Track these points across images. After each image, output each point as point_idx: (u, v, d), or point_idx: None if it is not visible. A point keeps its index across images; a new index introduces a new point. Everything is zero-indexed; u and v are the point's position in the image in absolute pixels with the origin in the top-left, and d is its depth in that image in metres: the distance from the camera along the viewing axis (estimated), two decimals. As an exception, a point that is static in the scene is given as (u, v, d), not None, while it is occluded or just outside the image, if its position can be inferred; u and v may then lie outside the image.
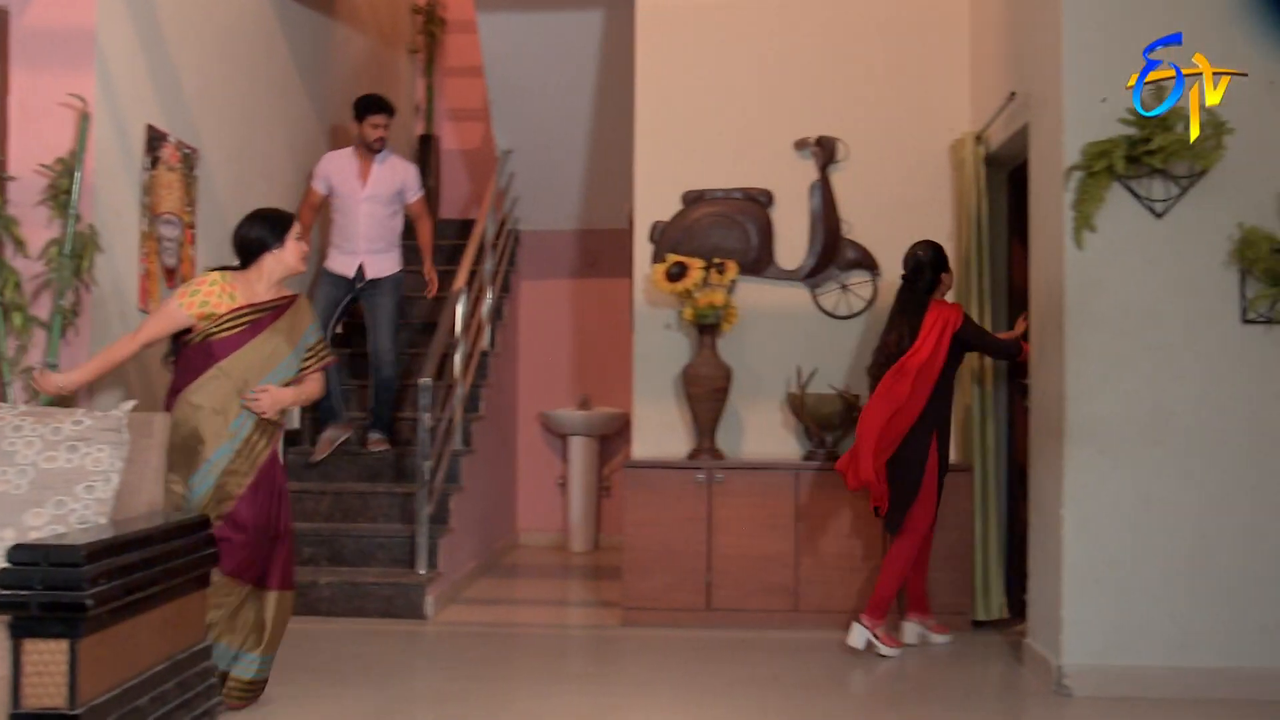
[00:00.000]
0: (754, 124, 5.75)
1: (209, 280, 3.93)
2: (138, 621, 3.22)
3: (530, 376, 8.08)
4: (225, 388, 3.84)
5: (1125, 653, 4.18)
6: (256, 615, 3.95)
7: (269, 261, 4.03)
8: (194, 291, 3.88)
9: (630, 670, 4.60)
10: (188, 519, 3.58)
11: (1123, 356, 4.21)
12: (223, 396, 3.83)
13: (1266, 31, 4.21)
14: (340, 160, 6.26)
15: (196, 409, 3.83)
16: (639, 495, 5.36)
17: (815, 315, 5.70)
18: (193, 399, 3.84)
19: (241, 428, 3.86)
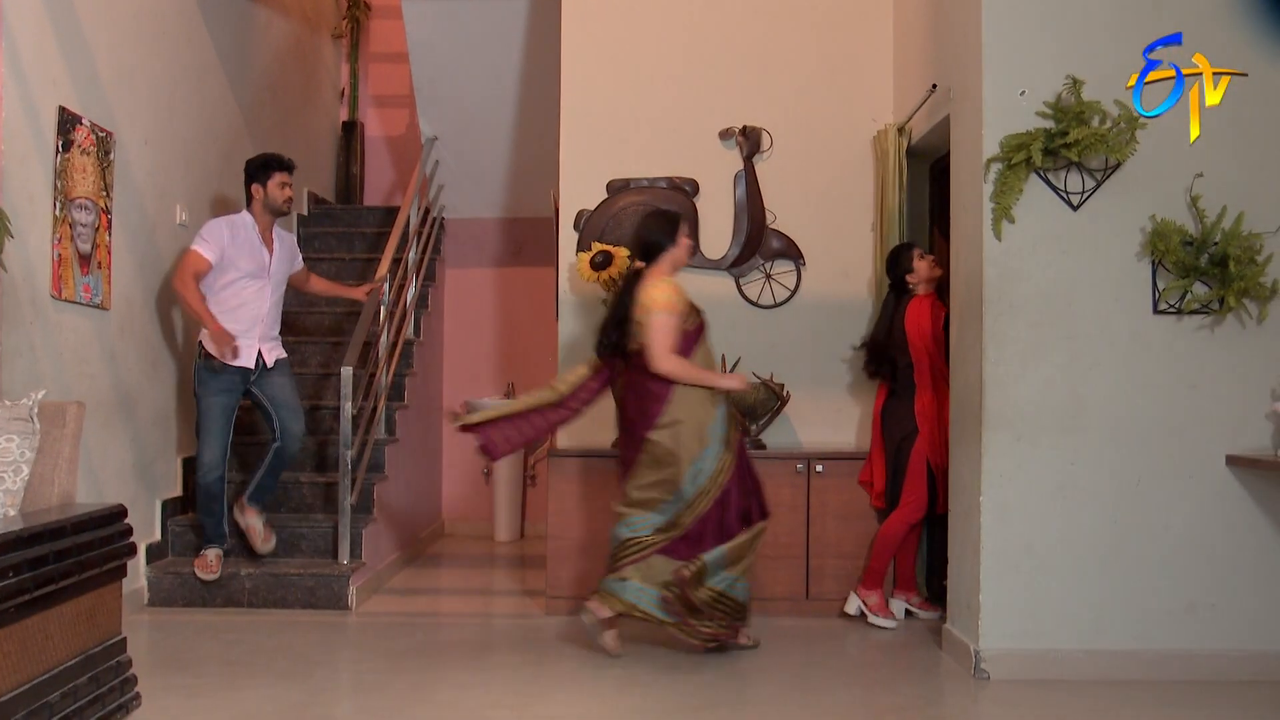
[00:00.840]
0: (679, 113, 5.74)
1: (668, 282, 4.48)
2: (48, 615, 3.13)
3: (455, 365, 8.01)
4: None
5: (1042, 637, 4.25)
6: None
7: (666, 261, 4.57)
8: (670, 296, 4.43)
9: (553, 659, 4.58)
10: (101, 510, 3.48)
11: (1040, 345, 4.27)
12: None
13: (1184, 24, 4.29)
14: (240, 229, 5.30)
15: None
16: (563, 484, 5.33)
17: (740, 304, 5.71)
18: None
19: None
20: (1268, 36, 4.27)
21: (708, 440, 4.41)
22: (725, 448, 4.46)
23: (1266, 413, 4.25)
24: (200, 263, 5.19)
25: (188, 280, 5.16)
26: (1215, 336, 4.27)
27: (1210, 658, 4.23)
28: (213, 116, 6.33)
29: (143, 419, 5.43)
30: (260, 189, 5.36)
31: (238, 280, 5.27)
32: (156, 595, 5.36)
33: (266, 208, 5.37)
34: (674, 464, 4.39)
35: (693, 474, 4.39)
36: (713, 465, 4.41)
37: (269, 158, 5.45)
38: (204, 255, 5.18)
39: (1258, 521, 4.26)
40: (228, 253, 5.23)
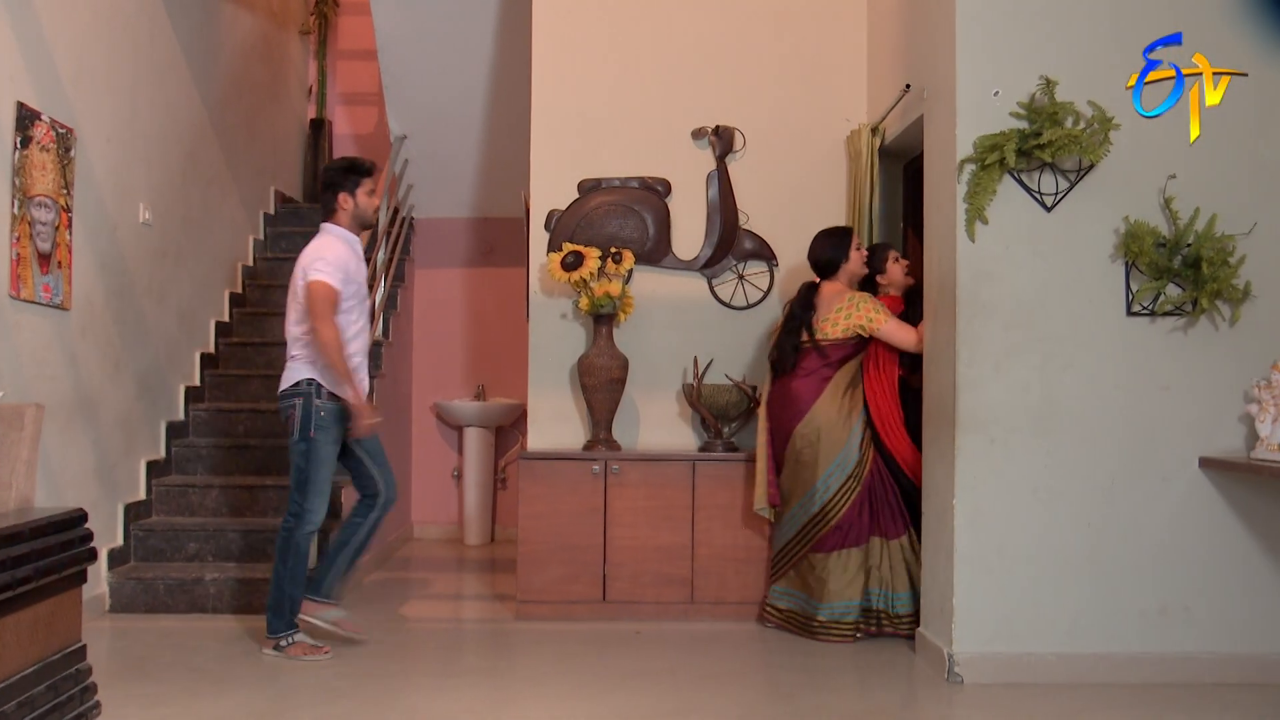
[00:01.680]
0: (652, 112, 5.73)
1: (861, 297, 4.94)
2: (4, 623, 3.08)
3: (424, 367, 7.97)
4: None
5: (1015, 640, 4.26)
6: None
7: (844, 275, 5.03)
8: (876, 306, 4.91)
9: (524, 664, 4.55)
10: (60, 514, 3.43)
11: (1013, 347, 4.28)
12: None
13: (1166, 23, 4.31)
14: (352, 245, 4.69)
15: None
16: (534, 487, 5.30)
17: (712, 306, 5.70)
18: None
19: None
20: (1260, 36, 4.29)
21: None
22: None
23: (1240, 415, 4.27)
24: (334, 295, 4.47)
25: (334, 325, 4.46)
26: (1188, 338, 4.29)
27: (1184, 660, 4.25)
28: (177, 114, 6.27)
29: (105, 422, 5.37)
30: (349, 199, 4.64)
31: (352, 306, 4.61)
32: (118, 601, 5.29)
33: (355, 219, 4.69)
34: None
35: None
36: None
37: (353, 163, 4.73)
38: (334, 285, 4.47)
39: (1231, 524, 4.28)
40: (350, 272, 4.58)
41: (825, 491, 4.87)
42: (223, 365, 6.82)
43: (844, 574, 4.87)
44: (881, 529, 4.91)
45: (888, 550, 4.91)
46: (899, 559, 4.89)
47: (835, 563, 4.89)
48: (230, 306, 7.09)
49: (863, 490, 4.89)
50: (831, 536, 4.88)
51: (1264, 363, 4.24)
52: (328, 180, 4.70)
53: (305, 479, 4.55)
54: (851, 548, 4.88)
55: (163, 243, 6.06)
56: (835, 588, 4.88)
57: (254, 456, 6.18)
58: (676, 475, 5.28)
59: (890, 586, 4.89)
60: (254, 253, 7.55)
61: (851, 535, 4.88)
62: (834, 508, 4.87)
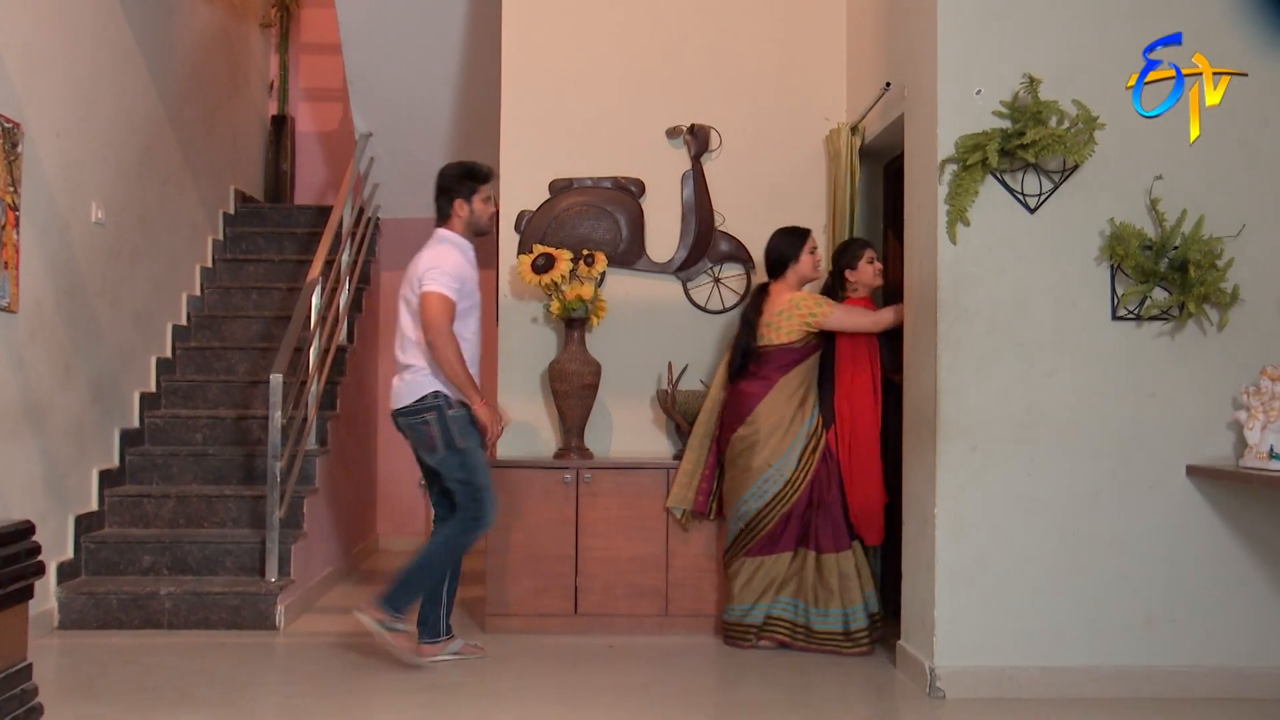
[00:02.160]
0: (625, 110, 5.68)
1: (802, 296, 4.89)
2: (-57, 643, 2.99)
3: (391, 372, 7.78)
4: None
5: (998, 653, 4.23)
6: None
7: (793, 276, 4.98)
8: (819, 301, 4.87)
9: (492, 680, 4.49)
10: (5, 526, 3.34)
11: (995, 352, 4.25)
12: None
13: (1150, 21, 4.29)
14: (468, 253, 4.66)
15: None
16: (503, 497, 5.23)
17: (687, 309, 5.66)
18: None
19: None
20: (1259, 35, 4.29)
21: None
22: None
23: (1228, 422, 4.26)
24: (451, 308, 4.46)
25: (452, 336, 4.45)
26: (1175, 343, 4.27)
27: (1171, 674, 4.23)
28: (131, 108, 6.17)
29: (54, 429, 5.26)
30: (465, 205, 4.62)
31: (466, 311, 4.59)
32: (68, 617, 5.19)
33: (470, 226, 4.67)
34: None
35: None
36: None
37: (471, 168, 4.69)
38: (451, 296, 4.46)
39: (1219, 534, 4.26)
40: (465, 285, 4.56)
41: (759, 498, 4.86)
42: (180, 370, 6.73)
43: (750, 577, 4.89)
44: (814, 542, 4.86)
45: (818, 564, 4.86)
46: (832, 573, 4.84)
47: (747, 566, 4.90)
48: (188, 309, 6.99)
49: (799, 500, 4.85)
50: (760, 543, 4.89)
51: (1252, 368, 4.22)
52: (443, 185, 4.68)
53: (476, 487, 4.56)
54: (767, 555, 4.89)
55: (117, 243, 5.96)
56: (737, 589, 4.93)
57: (213, 465, 6.09)
58: (650, 484, 5.23)
59: (813, 601, 4.86)
60: (213, 254, 7.46)
61: (771, 543, 4.88)
62: (768, 515, 4.85)
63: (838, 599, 4.83)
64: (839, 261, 5.08)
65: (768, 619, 4.91)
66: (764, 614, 4.90)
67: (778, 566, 4.89)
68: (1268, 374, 4.07)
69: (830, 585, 4.84)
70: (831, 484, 4.89)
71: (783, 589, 4.89)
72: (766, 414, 4.86)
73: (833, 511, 4.87)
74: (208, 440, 6.29)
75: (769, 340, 4.90)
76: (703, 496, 5.08)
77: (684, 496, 5.10)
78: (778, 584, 4.89)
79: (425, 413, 4.52)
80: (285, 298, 7.25)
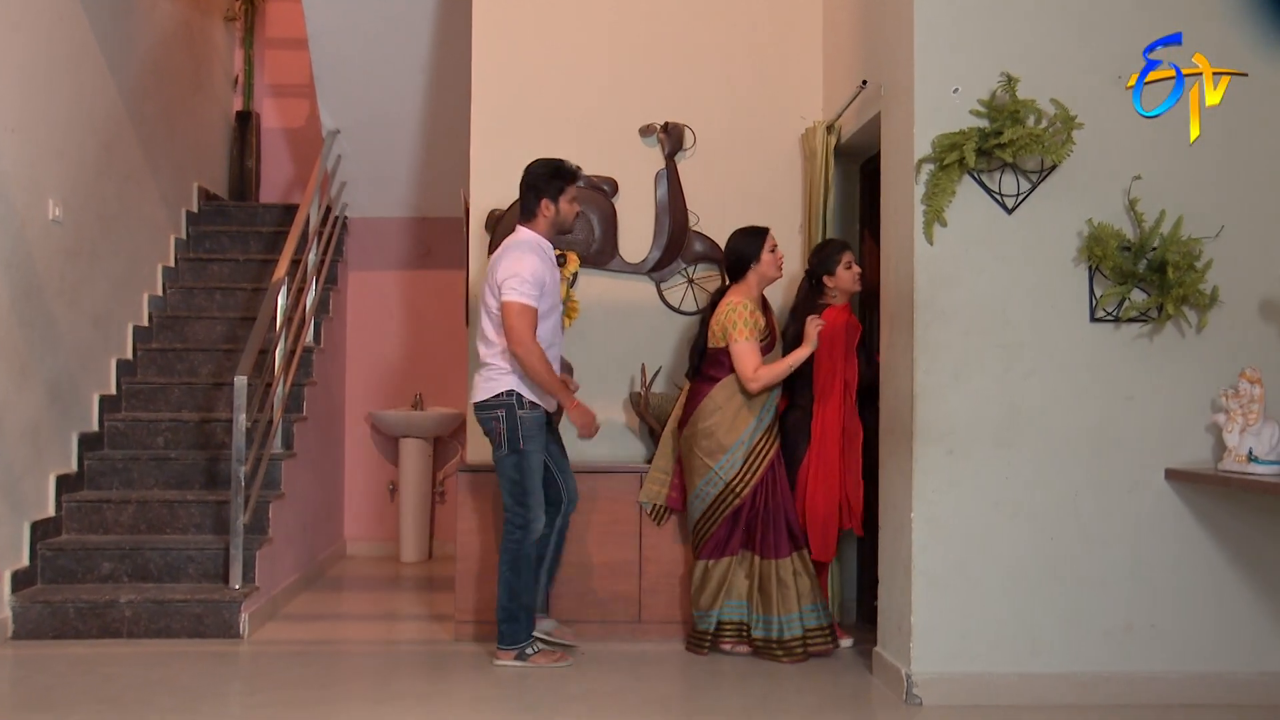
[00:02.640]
0: (598, 108, 5.67)
1: (742, 305, 4.80)
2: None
3: (358, 374, 7.86)
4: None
5: (976, 660, 4.24)
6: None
7: (754, 277, 4.91)
8: (747, 323, 4.78)
9: (462, 688, 4.47)
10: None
11: (973, 355, 4.27)
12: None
13: (1134, 20, 4.32)
14: (546, 252, 4.69)
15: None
16: (474, 501, 5.23)
17: (661, 310, 5.66)
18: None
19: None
20: (1246, 34, 4.32)
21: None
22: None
23: (1207, 424, 4.29)
24: (532, 315, 4.52)
25: (536, 346, 4.52)
26: (1154, 345, 4.30)
27: (1151, 680, 4.26)
28: (90, 103, 6.12)
29: (9, 433, 5.21)
30: (552, 206, 4.65)
31: (546, 313, 4.63)
32: (23, 627, 5.13)
33: (555, 226, 4.71)
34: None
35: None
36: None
37: (559, 167, 4.71)
38: (531, 304, 4.51)
39: (1198, 538, 4.29)
40: (545, 289, 4.59)
41: (702, 500, 4.88)
42: (141, 373, 6.67)
43: (702, 581, 4.92)
44: (759, 545, 4.87)
45: (760, 569, 4.87)
46: (770, 579, 4.84)
47: (698, 569, 4.93)
48: (150, 310, 6.93)
49: (743, 504, 4.85)
50: (708, 546, 4.90)
51: (1231, 371, 4.25)
52: (530, 182, 4.71)
53: (524, 490, 4.66)
54: (714, 559, 4.90)
55: (75, 241, 5.91)
56: (694, 593, 4.95)
57: (175, 470, 6.04)
58: (623, 489, 5.22)
59: (759, 607, 4.86)
60: (175, 253, 7.40)
61: (718, 545, 4.89)
62: (712, 517, 4.87)
63: (774, 606, 4.83)
64: (817, 267, 5.06)
65: (719, 624, 4.91)
66: (715, 619, 4.90)
67: (723, 570, 4.89)
68: (1246, 376, 4.10)
69: (768, 591, 4.84)
70: (777, 491, 4.89)
71: (732, 593, 4.90)
72: (706, 414, 4.86)
73: (776, 518, 4.86)
74: (170, 444, 6.24)
75: (714, 343, 4.90)
76: (676, 492, 5.08)
77: (656, 492, 5.10)
78: (726, 587, 4.89)
79: (497, 409, 4.63)
80: (250, 298, 7.21)
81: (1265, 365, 4.24)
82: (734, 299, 4.88)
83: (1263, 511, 4.29)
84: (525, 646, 4.72)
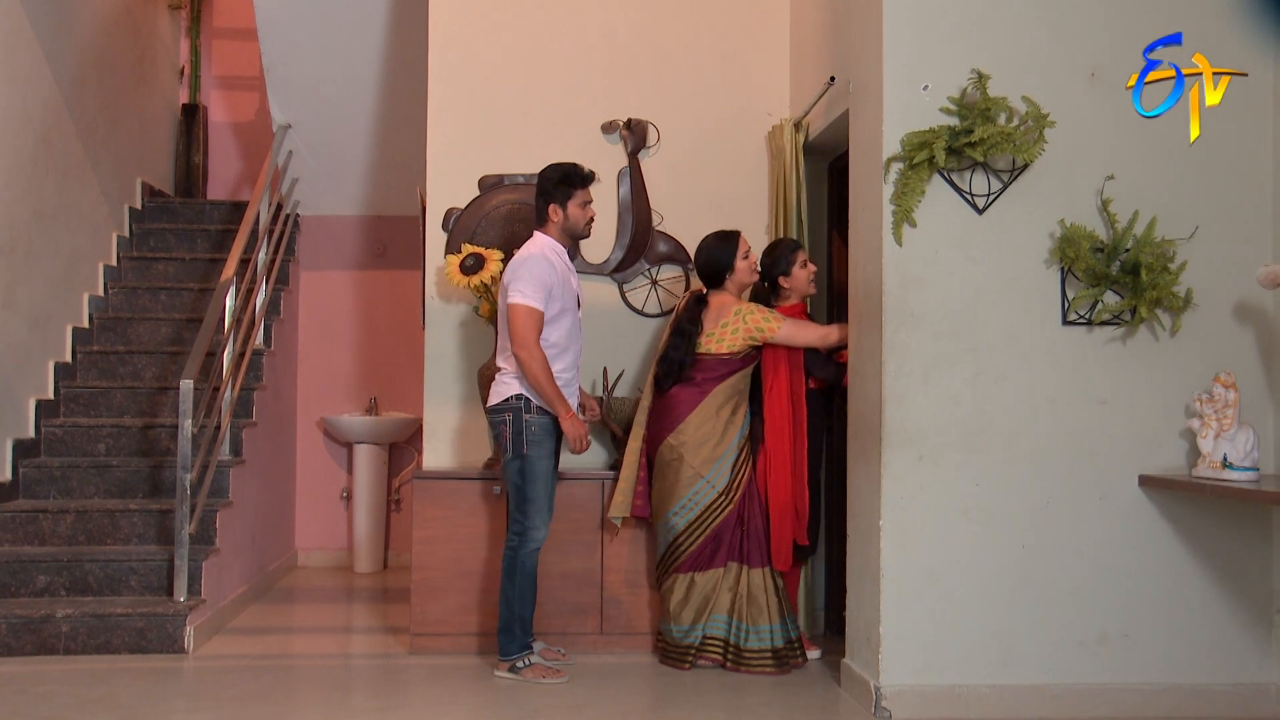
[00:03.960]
0: (559, 104, 5.68)
1: (746, 308, 4.87)
2: None
3: (310, 378, 7.81)
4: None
5: (946, 671, 4.27)
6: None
7: (732, 285, 4.98)
8: (766, 314, 4.86)
9: (419, 703, 4.46)
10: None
11: (943, 358, 4.30)
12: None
13: (1116, 16, 4.37)
14: (557, 258, 4.77)
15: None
16: (430, 509, 5.22)
17: (624, 313, 5.67)
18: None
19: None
20: (1222, 31, 4.38)
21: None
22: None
23: (1181, 430, 4.34)
24: (536, 317, 4.62)
25: (537, 349, 4.61)
26: (1127, 349, 4.34)
27: (1124, 692, 4.30)
28: (25, 93, 6.06)
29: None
30: (559, 210, 4.77)
31: (558, 316, 4.73)
32: (-44, 642, 5.09)
33: (565, 231, 4.81)
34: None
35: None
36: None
37: (569, 172, 4.80)
38: (536, 307, 4.61)
39: (1172, 546, 4.34)
40: (555, 291, 4.70)
41: (690, 510, 4.88)
42: (81, 376, 6.62)
43: (685, 595, 4.92)
44: (745, 555, 4.90)
45: (749, 579, 4.90)
46: (760, 589, 4.88)
47: (680, 582, 4.93)
48: (90, 311, 6.88)
49: (732, 511, 4.88)
50: (691, 558, 4.90)
51: (1206, 375, 4.31)
52: (540, 187, 4.83)
53: (525, 497, 4.73)
54: (699, 571, 4.90)
55: (9, 238, 5.85)
56: (673, 608, 4.94)
57: (117, 477, 6.00)
58: (585, 495, 5.23)
59: (746, 618, 4.89)
60: (118, 251, 7.34)
61: (703, 558, 4.90)
62: (699, 528, 4.88)
63: (766, 615, 4.86)
64: (771, 269, 5.07)
65: (704, 639, 4.93)
66: (701, 634, 4.92)
67: (710, 583, 4.90)
68: (1221, 381, 4.15)
69: (759, 602, 4.87)
70: (755, 498, 4.92)
71: (717, 607, 4.91)
72: (698, 424, 4.88)
73: (758, 525, 4.90)
74: (111, 451, 6.20)
75: (707, 349, 4.91)
76: (640, 500, 5.07)
77: (624, 504, 5.10)
78: (712, 602, 4.91)
79: (504, 413, 4.73)
80: (197, 299, 7.16)
81: (1240, 369, 4.30)
82: (733, 304, 4.92)
83: (1238, 518, 4.35)
84: (517, 659, 4.75)
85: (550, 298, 4.68)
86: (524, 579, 4.75)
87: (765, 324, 4.85)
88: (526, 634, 4.78)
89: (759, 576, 4.88)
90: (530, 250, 4.74)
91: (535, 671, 4.73)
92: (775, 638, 4.86)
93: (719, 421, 4.89)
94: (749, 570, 4.89)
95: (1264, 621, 4.37)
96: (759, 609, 4.86)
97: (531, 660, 4.77)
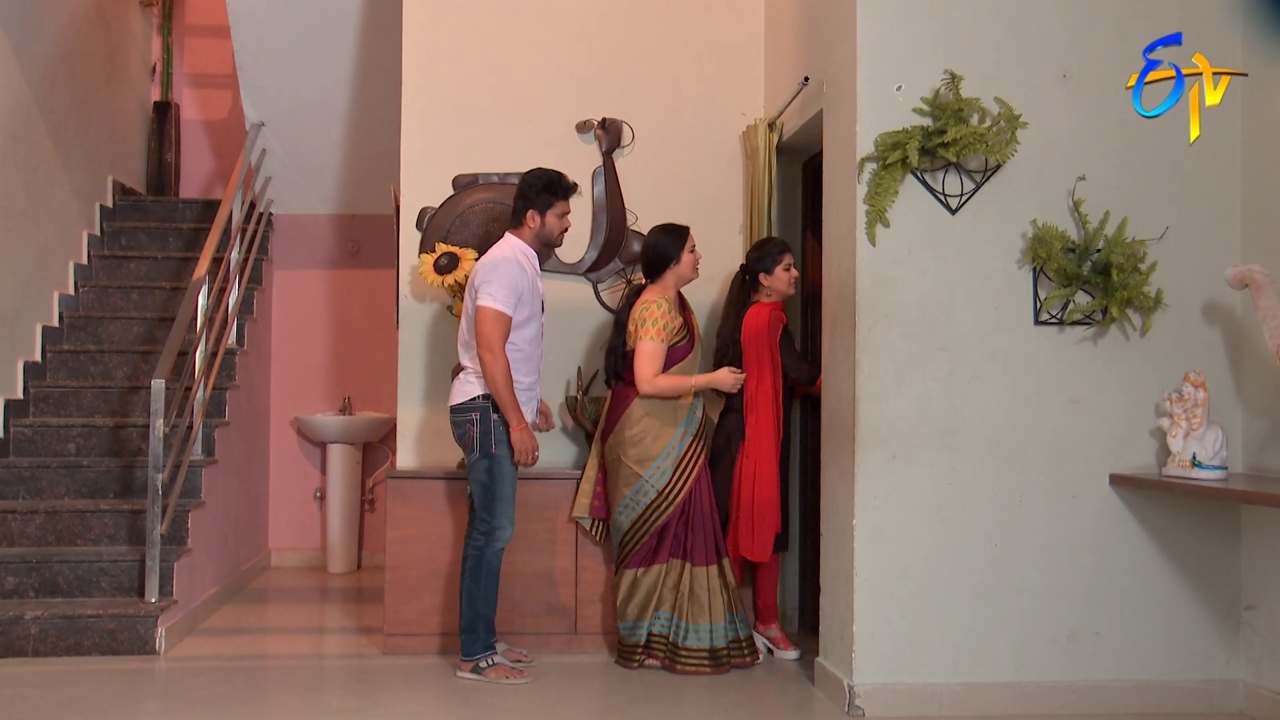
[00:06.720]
0: (533, 103, 5.68)
1: (657, 304, 4.81)
2: None
3: (284, 378, 7.78)
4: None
5: (919, 670, 4.30)
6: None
7: (671, 277, 4.94)
8: (659, 322, 4.79)
9: (392, 704, 4.45)
10: None
11: (916, 358, 4.32)
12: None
13: (1084, 16, 4.40)
14: (528, 262, 4.78)
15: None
16: (404, 509, 5.21)
17: (598, 312, 5.67)
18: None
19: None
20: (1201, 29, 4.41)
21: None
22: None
23: (1151, 429, 4.38)
24: (505, 322, 4.62)
25: (502, 355, 4.61)
26: (1098, 349, 4.38)
27: (1095, 689, 4.34)
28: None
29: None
30: (537, 217, 4.78)
31: (523, 322, 4.72)
32: (-77, 644, 5.05)
33: (539, 238, 4.82)
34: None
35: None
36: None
37: (552, 181, 4.81)
38: (505, 311, 4.61)
39: (1143, 544, 4.38)
40: (524, 296, 4.70)
41: (633, 508, 4.87)
42: (51, 376, 6.58)
43: (630, 591, 4.91)
44: (688, 552, 4.89)
45: (691, 576, 4.88)
46: (703, 587, 4.87)
47: (626, 578, 4.92)
48: (60, 310, 6.83)
49: (675, 511, 4.86)
50: (637, 555, 4.90)
51: (1176, 374, 4.35)
52: (521, 190, 4.84)
53: (493, 496, 4.72)
54: (643, 567, 4.90)
55: (-19, 238, 5.82)
56: (619, 604, 4.95)
57: (87, 478, 5.96)
58: (559, 495, 5.23)
59: (686, 616, 4.87)
60: (88, 250, 7.29)
61: (647, 554, 4.89)
62: (643, 526, 4.86)
63: (706, 614, 4.85)
64: (755, 264, 5.12)
65: (650, 636, 4.92)
66: (646, 631, 4.91)
67: (652, 579, 4.88)
68: (1190, 380, 4.19)
69: (700, 600, 4.86)
70: (704, 496, 4.91)
71: (660, 604, 4.89)
72: (637, 418, 4.86)
73: (704, 525, 4.89)
74: (82, 451, 6.16)
75: (630, 345, 4.91)
76: (599, 501, 5.08)
77: (584, 505, 5.10)
78: (655, 598, 4.89)
79: (470, 413, 4.71)
80: (169, 298, 7.13)
81: (1209, 369, 4.34)
82: (649, 297, 4.90)
83: (1207, 517, 4.39)
84: (480, 659, 4.74)
85: (520, 303, 4.68)
86: (489, 579, 4.74)
87: (641, 326, 4.83)
88: (490, 634, 4.77)
89: (703, 575, 4.86)
90: (503, 252, 4.73)
91: (498, 672, 4.72)
92: (715, 637, 4.84)
93: (653, 420, 4.86)
94: (692, 568, 4.87)
95: (1232, 618, 4.41)
96: (700, 607, 4.85)
97: (495, 660, 4.76)
